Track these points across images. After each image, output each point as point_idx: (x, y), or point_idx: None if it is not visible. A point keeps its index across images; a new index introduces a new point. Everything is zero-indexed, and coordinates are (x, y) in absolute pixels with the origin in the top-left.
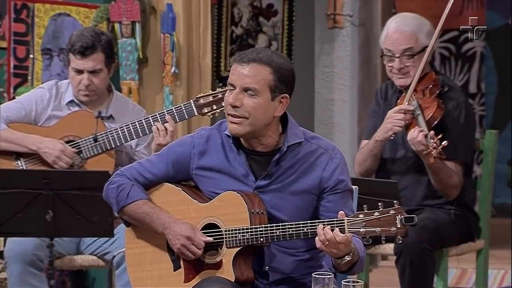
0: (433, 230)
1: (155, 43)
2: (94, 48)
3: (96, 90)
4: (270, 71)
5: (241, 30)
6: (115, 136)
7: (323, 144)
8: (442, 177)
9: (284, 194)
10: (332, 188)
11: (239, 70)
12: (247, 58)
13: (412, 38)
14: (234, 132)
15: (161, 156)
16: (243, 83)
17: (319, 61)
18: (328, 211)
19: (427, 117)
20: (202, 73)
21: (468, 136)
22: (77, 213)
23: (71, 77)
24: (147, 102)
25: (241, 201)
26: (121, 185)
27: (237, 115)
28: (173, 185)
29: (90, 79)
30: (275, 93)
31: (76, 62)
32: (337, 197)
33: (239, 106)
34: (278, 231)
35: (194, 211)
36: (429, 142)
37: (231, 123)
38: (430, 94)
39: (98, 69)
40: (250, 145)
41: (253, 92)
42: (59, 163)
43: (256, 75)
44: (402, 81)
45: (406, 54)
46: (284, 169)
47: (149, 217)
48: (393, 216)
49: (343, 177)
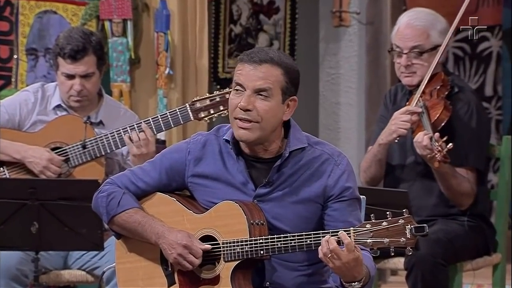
0: (447, 243)
1: (148, 43)
2: (85, 51)
3: (88, 95)
4: (281, 72)
5: (240, 29)
6: (105, 142)
7: (328, 150)
8: (451, 184)
9: (286, 203)
10: (337, 196)
11: (250, 71)
12: (258, 58)
13: (423, 35)
14: (245, 138)
15: (154, 163)
16: (255, 84)
17: (324, 62)
18: (334, 220)
19: (433, 119)
20: (198, 75)
21: (481, 140)
22: (64, 224)
23: (61, 82)
24: (139, 105)
25: (239, 211)
26: (111, 193)
27: (249, 119)
28: (167, 195)
29: (82, 84)
30: (286, 95)
31: (66, 66)
32: (343, 205)
33: (251, 109)
34: (280, 243)
35: (189, 222)
36: (433, 145)
37: (241, 128)
38: (438, 95)
39: (90, 73)
40: (252, 151)
41: (266, 94)
42: (47, 173)
43: (269, 76)
44: (408, 80)
45: (414, 51)
46: (286, 176)
47: (141, 226)
48: (403, 225)
49: (349, 184)
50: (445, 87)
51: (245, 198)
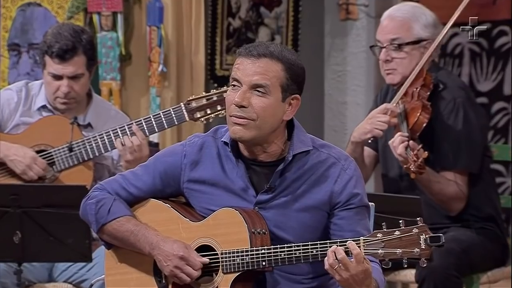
0: (460, 253)
1: (139, 38)
2: (75, 51)
3: (76, 97)
4: (282, 68)
5: (239, 23)
6: (93, 145)
7: (335, 153)
8: (433, 190)
9: (289, 211)
10: (344, 203)
11: (247, 65)
12: (257, 51)
13: (403, 27)
14: (238, 136)
15: (147, 167)
16: (252, 79)
17: (330, 58)
18: (341, 229)
19: (411, 124)
20: (194, 72)
21: (470, 140)
22: (49, 234)
23: (47, 83)
24: (130, 105)
25: (239, 219)
26: (101, 200)
27: (243, 116)
28: (161, 202)
29: (70, 85)
30: (286, 93)
31: (54, 66)
32: (351, 214)
33: (247, 106)
34: (283, 254)
35: (185, 231)
36: (408, 154)
37: (235, 124)
38: (418, 96)
39: (79, 74)
40: (251, 154)
41: (263, 90)
42: (29, 173)
43: (267, 71)
44: (389, 78)
45: (393, 44)
46: (289, 181)
47: (133, 235)
48: (417, 235)
49: (357, 191)
50: (427, 87)
51: (245, 205)
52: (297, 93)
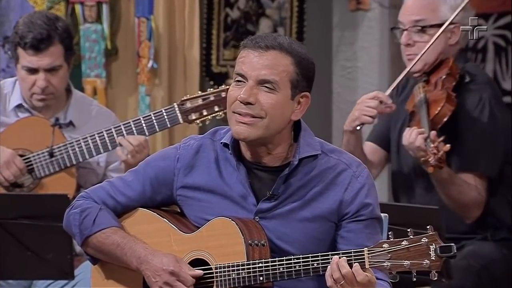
0: (480, 270)
1: (127, 30)
2: (50, 40)
3: (54, 92)
4: (291, 62)
5: (237, 14)
6: (76, 149)
7: (345, 159)
8: (450, 193)
9: (293, 221)
10: (354, 214)
11: (253, 58)
12: (265, 43)
13: (429, 7)
14: (243, 136)
15: (137, 173)
16: (259, 74)
17: (338, 53)
18: (348, 243)
19: (432, 115)
20: (187, 69)
21: (493, 141)
22: (27, 248)
23: (22, 78)
24: (117, 105)
25: (235, 230)
26: (85, 209)
27: (250, 113)
28: (151, 211)
29: (47, 79)
30: (296, 90)
31: (28, 59)
32: (360, 226)
33: (253, 103)
34: (282, 267)
35: (177, 243)
36: (427, 146)
37: (240, 123)
38: (442, 85)
39: (57, 66)
40: (254, 156)
41: (272, 86)
42: (5, 172)
43: (277, 65)
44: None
45: (416, 26)
46: (294, 188)
47: (120, 248)
48: (426, 245)
49: (369, 201)
50: (453, 76)
51: (244, 214)
52: (307, 90)
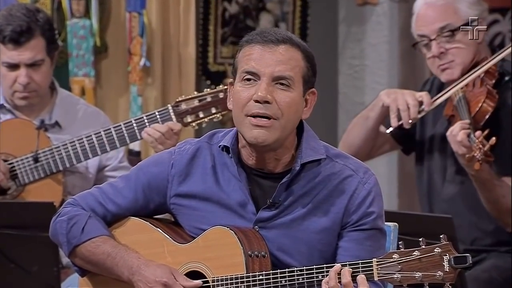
0: (503, 285)
1: (118, 26)
2: (31, 32)
3: (38, 89)
4: (302, 56)
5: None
6: (63, 154)
7: (352, 165)
8: (495, 195)
9: (296, 231)
10: (355, 222)
11: (265, 54)
12: (275, 37)
13: (448, 11)
14: (261, 140)
15: (129, 179)
16: (274, 70)
17: (345, 50)
18: (346, 254)
19: (474, 112)
20: (182, 67)
21: None
22: (10, 260)
23: (2, 76)
24: (106, 107)
25: (233, 240)
26: (73, 217)
27: (268, 115)
28: (143, 220)
29: (29, 75)
30: (306, 86)
31: (7, 54)
32: (362, 236)
33: (271, 102)
34: (284, 280)
35: (171, 255)
36: (472, 142)
37: (257, 127)
38: (481, 83)
39: (38, 61)
40: (260, 162)
41: (287, 82)
42: None
43: (290, 60)
44: (447, 74)
45: (444, 33)
46: (296, 196)
47: (110, 258)
48: (439, 255)
49: (373, 209)
50: (492, 74)
51: (243, 223)
52: (313, 86)
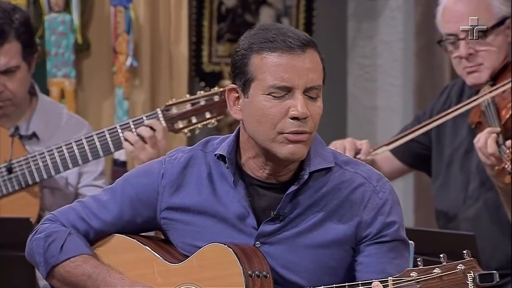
0: None
1: (101, 21)
2: (4, 36)
3: (12, 98)
4: (320, 58)
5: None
6: (40, 164)
7: (363, 172)
8: None
9: (302, 247)
10: (375, 235)
11: (295, 63)
12: (299, 41)
13: (480, 7)
14: (299, 156)
15: (114, 191)
16: (307, 80)
17: (355, 49)
18: (368, 270)
19: (504, 119)
20: (174, 67)
21: None
22: None
23: None
24: (89, 111)
25: (232, 258)
26: (51, 234)
27: (306, 131)
28: (130, 238)
29: (2, 83)
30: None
31: None
32: (383, 249)
33: (307, 116)
34: None
35: (161, 275)
36: (502, 152)
37: (296, 143)
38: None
39: (13, 67)
40: (273, 174)
41: (317, 93)
42: None
43: (318, 66)
44: (473, 78)
45: (475, 33)
46: (303, 208)
47: (91, 280)
48: (463, 273)
49: (393, 219)
50: None
51: (243, 239)
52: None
